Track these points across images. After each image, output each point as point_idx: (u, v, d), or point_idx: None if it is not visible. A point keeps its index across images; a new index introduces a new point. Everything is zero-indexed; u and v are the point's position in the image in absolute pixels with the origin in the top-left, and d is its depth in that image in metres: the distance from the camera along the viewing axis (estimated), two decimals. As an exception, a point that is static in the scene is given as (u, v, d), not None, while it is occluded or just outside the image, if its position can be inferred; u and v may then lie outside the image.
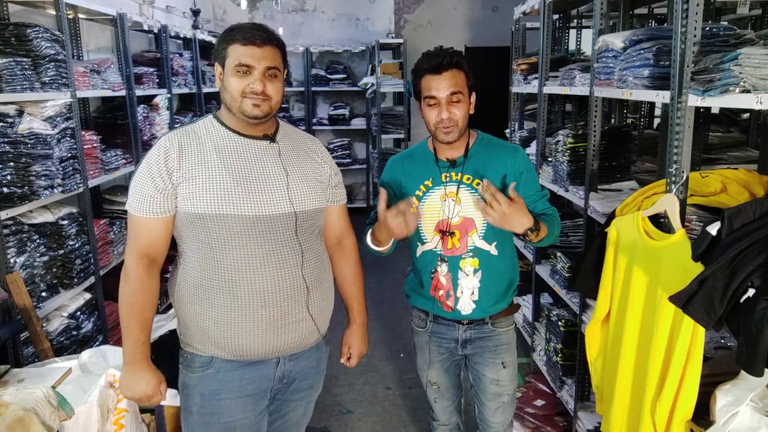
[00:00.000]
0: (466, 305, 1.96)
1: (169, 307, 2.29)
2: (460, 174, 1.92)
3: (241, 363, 1.67)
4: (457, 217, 1.92)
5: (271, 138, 1.69)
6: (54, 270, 2.86)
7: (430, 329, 2.07)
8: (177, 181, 1.59)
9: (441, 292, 1.97)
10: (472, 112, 1.93)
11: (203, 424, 1.70)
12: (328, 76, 7.34)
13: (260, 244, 1.61)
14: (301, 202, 1.68)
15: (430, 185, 1.95)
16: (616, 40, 2.22)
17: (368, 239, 1.92)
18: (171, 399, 1.95)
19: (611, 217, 2.08)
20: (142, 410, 2.33)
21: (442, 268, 1.94)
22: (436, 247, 1.95)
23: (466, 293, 1.95)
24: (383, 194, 1.83)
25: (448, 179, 1.93)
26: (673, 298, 1.51)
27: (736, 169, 1.91)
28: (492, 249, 1.94)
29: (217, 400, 1.68)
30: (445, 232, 1.92)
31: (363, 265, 1.93)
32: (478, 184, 1.89)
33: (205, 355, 1.67)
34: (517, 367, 2.11)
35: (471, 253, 1.93)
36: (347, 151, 7.51)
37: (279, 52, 1.63)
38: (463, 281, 1.94)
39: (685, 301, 1.48)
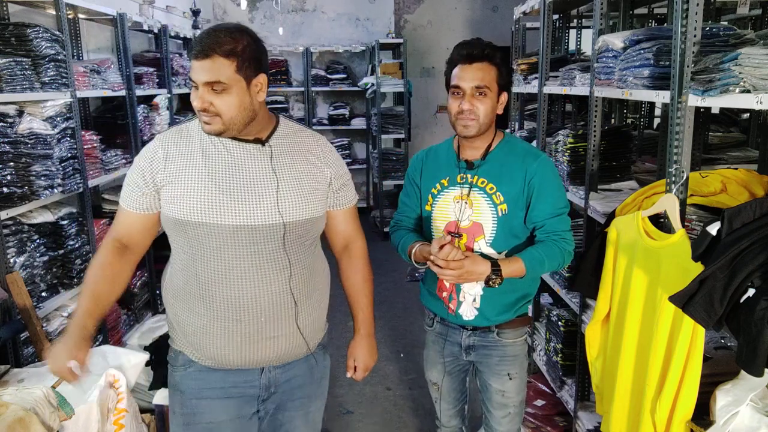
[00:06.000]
0: (468, 311, 1.92)
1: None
2: (475, 177, 1.89)
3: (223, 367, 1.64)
4: (467, 220, 1.89)
5: (263, 141, 1.61)
6: (54, 270, 2.86)
7: (436, 329, 2.06)
8: (161, 183, 1.57)
9: (444, 294, 1.95)
10: (500, 112, 1.87)
11: (184, 424, 1.66)
12: (328, 76, 7.33)
13: (240, 256, 1.54)
14: (292, 212, 1.58)
15: (446, 184, 1.93)
16: (616, 40, 2.22)
17: (413, 256, 1.89)
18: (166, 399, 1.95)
19: (611, 217, 2.08)
20: (143, 410, 2.33)
21: None
22: None
23: (468, 299, 1.91)
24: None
25: (463, 180, 1.90)
26: (673, 298, 1.51)
27: (736, 169, 1.91)
28: (501, 258, 1.86)
29: (199, 400, 1.64)
30: (453, 234, 1.87)
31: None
32: (491, 188, 1.86)
33: (188, 355, 1.66)
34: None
35: None
36: (347, 151, 7.49)
37: (227, 62, 1.46)
38: (466, 286, 1.90)
39: (685, 301, 1.48)
